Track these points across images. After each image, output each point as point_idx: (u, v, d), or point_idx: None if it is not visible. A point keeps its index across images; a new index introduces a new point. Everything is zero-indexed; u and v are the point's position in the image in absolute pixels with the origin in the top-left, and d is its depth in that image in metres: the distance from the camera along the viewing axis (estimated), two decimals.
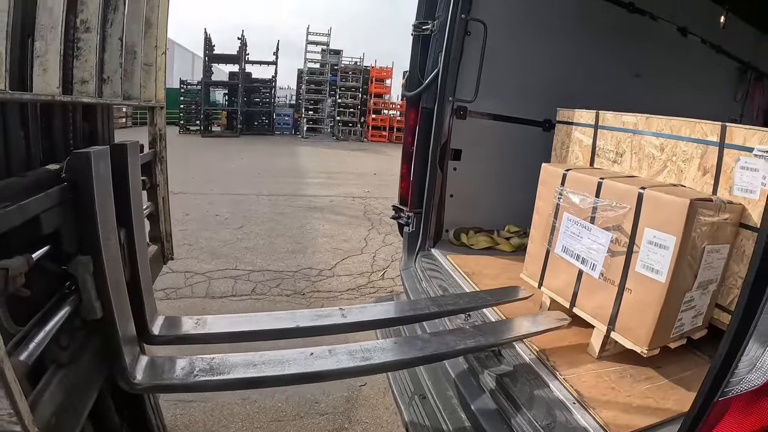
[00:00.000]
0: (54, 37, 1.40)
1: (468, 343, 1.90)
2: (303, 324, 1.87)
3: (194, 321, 1.79)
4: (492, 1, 3.24)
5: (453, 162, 3.39)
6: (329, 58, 26.59)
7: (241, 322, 1.86)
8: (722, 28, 4.41)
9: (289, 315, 1.93)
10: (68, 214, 1.37)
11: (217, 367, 1.53)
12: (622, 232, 1.99)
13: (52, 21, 1.39)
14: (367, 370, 1.68)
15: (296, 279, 5.45)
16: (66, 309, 1.33)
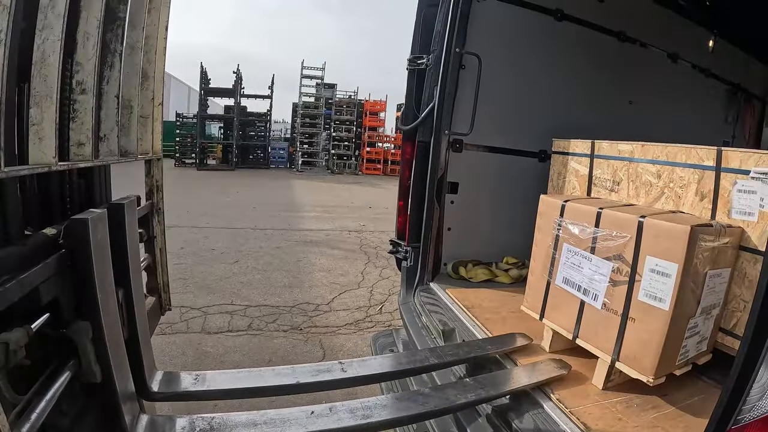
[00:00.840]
0: (49, 104, 1.39)
1: (469, 397, 1.86)
2: (304, 380, 1.85)
3: (193, 377, 1.77)
4: (486, 34, 3.28)
5: (450, 195, 3.39)
6: (324, 91, 26.87)
7: (242, 378, 1.82)
8: (711, 52, 4.48)
9: (289, 370, 1.90)
10: (66, 280, 1.37)
11: (218, 427, 1.50)
12: (624, 262, 1.98)
13: (47, 88, 1.39)
14: (368, 428, 1.63)
15: (293, 314, 5.41)
16: (66, 374, 1.32)
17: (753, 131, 5.28)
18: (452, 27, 3.13)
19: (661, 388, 1.94)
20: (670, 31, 4.11)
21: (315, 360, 4.32)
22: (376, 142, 28.09)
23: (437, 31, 3.23)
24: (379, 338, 3.44)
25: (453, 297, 2.99)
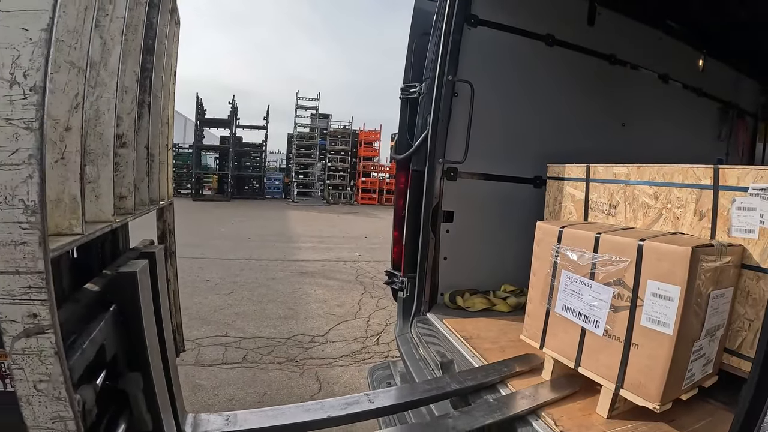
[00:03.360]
0: (106, 162, 1.43)
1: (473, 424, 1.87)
2: (334, 414, 1.88)
3: (224, 418, 1.76)
4: (478, 61, 3.31)
5: (445, 224, 3.36)
6: (318, 122, 27.11)
7: (273, 416, 1.82)
8: (702, 71, 4.53)
9: (318, 405, 1.93)
10: (120, 334, 1.39)
11: None
12: (624, 287, 1.95)
13: (102, 146, 1.42)
14: None
15: (289, 346, 5.33)
16: (122, 426, 1.36)
17: (746, 147, 5.34)
18: (444, 55, 3.15)
19: (668, 414, 1.88)
20: (661, 52, 4.16)
21: (311, 393, 4.25)
22: (371, 171, 28.29)
23: (429, 59, 3.25)
24: (376, 371, 3.38)
25: (451, 327, 2.94)
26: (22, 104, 1.03)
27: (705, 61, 4.55)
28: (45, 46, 1.04)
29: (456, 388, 2.18)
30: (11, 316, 1.06)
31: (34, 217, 1.04)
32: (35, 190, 1.04)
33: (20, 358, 1.08)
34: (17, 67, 1.03)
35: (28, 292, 1.05)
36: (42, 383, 1.09)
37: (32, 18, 1.04)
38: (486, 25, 3.37)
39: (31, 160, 1.03)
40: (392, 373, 3.24)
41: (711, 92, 4.68)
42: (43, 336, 1.07)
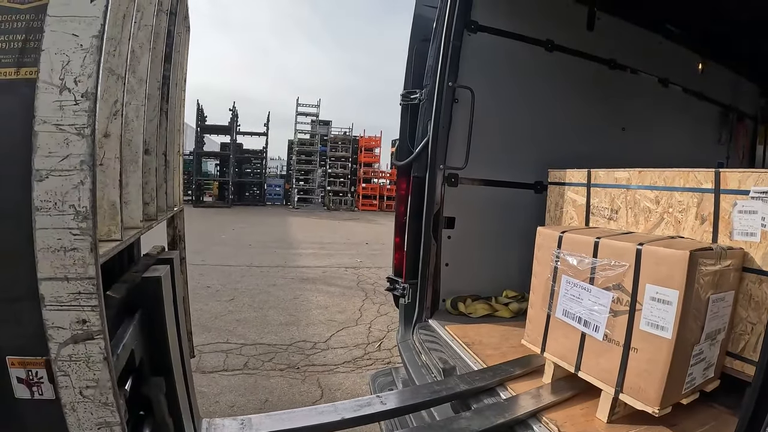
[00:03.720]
0: (135, 169, 1.46)
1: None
2: (348, 415, 1.90)
3: (239, 422, 1.76)
4: (478, 67, 3.32)
5: (447, 230, 3.36)
6: (319, 128, 27.15)
7: (287, 419, 1.83)
8: (701, 75, 4.54)
9: (331, 407, 1.96)
10: (144, 338, 1.40)
11: None
12: (623, 291, 1.95)
13: (131, 153, 1.44)
14: None
15: (290, 352, 5.32)
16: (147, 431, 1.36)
17: (746, 150, 5.34)
18: (444, 61, 3.16)
19: (670, 418, 1.88)
20: (660, 57, 4.17)
21: (313, 399, 4.24)
22: (372, 177, 28.29)
23: (429, 65, 3.26)
24: (377, 377, 3.37)
25: (452, 334, 2.94)
26: (74, 110, 1.04)
27: (705, 65, 4.56)
28: (96, 53, 1.05)
29: (461, 390, 2.19)
30: (58, 322, 1.06)
31: (85, 223, 1.04)
32: (87, 196, 1.04)
33: (66, 364, 1.08)
34: (67, 73, 1.04)
35: (78, 298, 1.06)
36: (89, 389, 1.09)
37: (83, 24, 1.05)
38: (486, 31, 3.38)
39: (83, 167, 1.04)
40: (394, 380, 3.23)
41: (711, 96, 4.68)
42: (92, 342, 1.07)
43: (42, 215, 1.04)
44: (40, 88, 1.04)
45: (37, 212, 1.04)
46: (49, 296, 1.05)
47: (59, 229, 1.04)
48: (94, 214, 1.05)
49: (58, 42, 1.04)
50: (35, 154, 1.03)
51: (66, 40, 1.04)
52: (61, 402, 1.10)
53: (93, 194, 1.05)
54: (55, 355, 1.07)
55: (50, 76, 1.04)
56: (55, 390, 1.11)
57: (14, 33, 1.17)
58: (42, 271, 1.05)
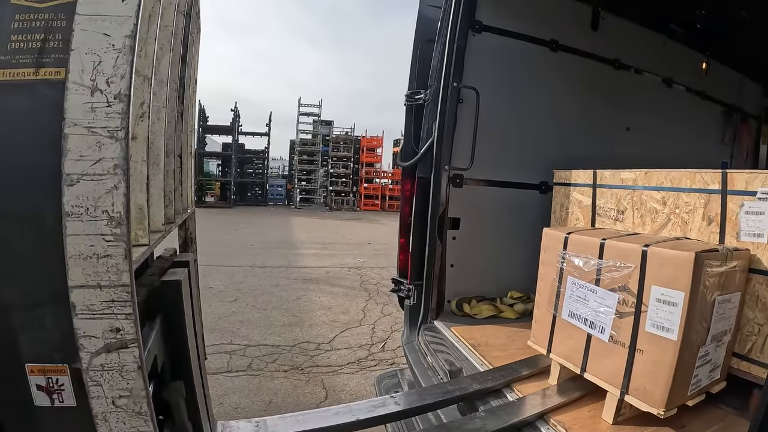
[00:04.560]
0: (157, 171, 1.45)
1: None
2: (363, 416, 1.89)
3: (254, 425, 1.75)
4: (482, 67, 3.31)
5: (452, 231, 3.36)
6: (321, 128, 27.17)
7: (303, 421, 1.83)
8: (705, 75, 4.54)
9: (346, 408, 1.95)
10: (165, 342, 1.39)
11: None
12: (629, 292, 1.95)
13: (154, 155, 1.43)
14: None
15: (294, 354, 5.33)
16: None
17: (750, 150, 5.33)
18: (449, 61, 3.16)
19: (678, 420, 1.88)
20: (664, 56, 4.17)
21: (317, 400, 4.25)
22: (374, 177, 28.31)
23: (434, 66, 3.26)
24: (383, 379, 3.37)
25: (458, 335, 2.93)
26: (106, 112, 1.02)
27: (708, 65, 4.56)
28: (129, 54, 1.03)
29: (478, 388, 2.21)
30: (90, 331, 1.04)
31: (119, 229, 1.02)
32: (121, 201, 1.03)
33: (99, 374, 1.06)
34: (99, 74, 1.02)
35: (111, 306, 1.04)
36: (122, 399, 1.08)
37: (115, 24, 1.03)
38: (490, 31, 3.38)
39: (116, 171, 1.02)
40: (400, 382, 3.23)
41: (715, 95, 4.68)
42: (126, 351, 1.06)
43: (73, 221, 1.02)
44: (69, 89, 1.02)
45: (67, 218, 1.02)
46: (81, 304, 1.03)
47: (92, 236, 1.02)
48: (128, 219, 1.04)
49: (89, 41, 1.02)
50: (65, 157, 1.01)
51: (97, 40, 1.03)
52: (92, 412, 1.08)
53: (127, 199, 1.03)
54: (87, 365, 1.05)
55: (80, 77, 1.02)
56: (75, 398, 1.10)
57: (32, 32, 1.15)
58: (73, 279, 1.03)
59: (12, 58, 1.16)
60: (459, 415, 2.23)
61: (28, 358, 1.13)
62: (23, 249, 1.14)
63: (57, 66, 1.11)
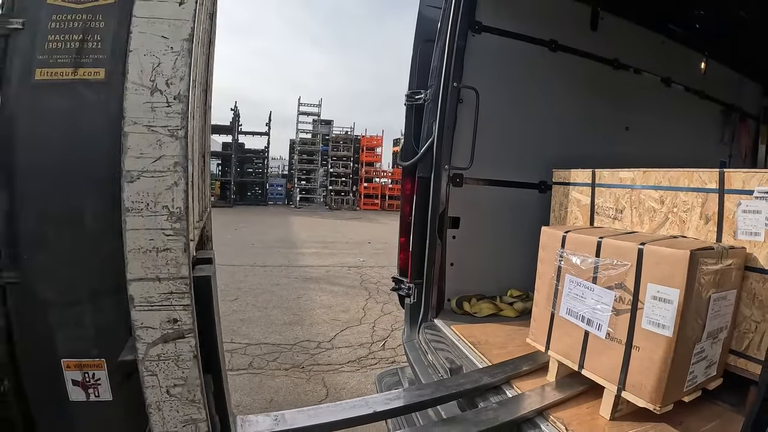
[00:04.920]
0: (193, 170, 1.44)
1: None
2: (379, 408, 1.95)
3: (272, 418, 1.78)
4: (482, 67, 3.33)
5: (451, 230, 3.38)
6: (320, 128, 27.16)
7: (320, 414, 1.87)
8: (704, 75, 4.56)
9: (362, 401, 2.00)
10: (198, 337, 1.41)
11: None
12: (625, 290, 1.97)
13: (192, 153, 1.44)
14: None
15: (294, 352, 5.35)
16: None
17: (749, 150, 5.35)
18: (449, 61, 3.19)
19: (675, 416, 1.91)
20: (663, 56, 4.20)
21: (318, 399, 4.27)
22: (374, 177, 28.29)
23: (434, 66, 3.28)
24: (384, 377, 3.39)
25: (458, 333, 2.96)
26: (166, 112, 1.05)
27: (707, 64, 4.58)
28: (188, 56, 1.07)
29: (488, 381, 2.25)
30: (148, 322, 1.08)
31: (179, 223, 1.06)
32: (181, 197, 1.06)
33: (155, 364, 1.10)
34: (158, 75, 1.06)
35: (169, 298, 1.08)
36: (176, 387, 1.12)
37: (173, 27, 1.06)
38: (490, 32, 3.40)
39: (177, 168, 1.06)
40: (400, 380, 3.24)
41: (714, 95, 4.70)
42: (183, 341, 1.10)
43: (133, 216, 1.05)
44: (129, 89, 1.05)
45: (127, 213, 1.05)
46: (139, 297, 1.06)
47: (152, 230, 1.05)
48: (188, 214, 1.07)
49: (147, 43, 1.05)
50: (125, 154, 1.04)
51: (155, 42, 1.06)
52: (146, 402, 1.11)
53: (187, 195, 1.07)
54: (143, 355, 1.08)
55: (140, 78, 1.05)
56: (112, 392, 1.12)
57: (70, 33, 1.18)
58: (132, 272, 1.06)
59: (50, 57, 1.18)
60: (459, 411, 2.26)
61: (65, 353, 1.15)
62: (60, 249, 1.17)
63: (96, 66, 1.14)
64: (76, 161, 1.18)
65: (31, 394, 1.32)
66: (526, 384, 2.30)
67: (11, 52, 1.28)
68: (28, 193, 1.28)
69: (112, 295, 1.26)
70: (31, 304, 1.25)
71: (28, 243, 1.27)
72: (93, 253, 1.12)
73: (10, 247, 1.28)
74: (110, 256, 1.28)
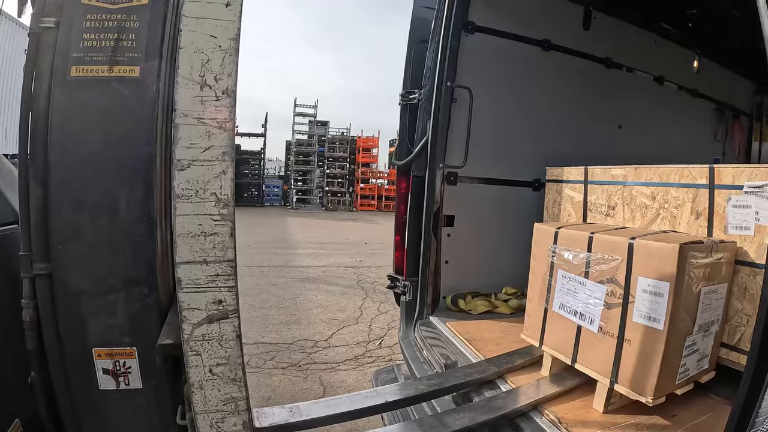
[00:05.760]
0: None
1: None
2: (391, 398, 2.01)
3: (288, 410, 1.81)
4: (476, 67, 3.36)
5: (446, 228, 3.40)
6: (316, 129, 27.14)
7: (335, 405, 1.90)
8: (696, 73, 4.59)
9: (374, 392, 2.07)
10: None
11: None
12: (617, 284, 2.00)
13: None
14: None
15: (291, 351, 5.36)
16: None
17: (742, 147, 5.38)
18: (443, 61, 3.21)
19: (668, 409, 1.93)
20: (656, 55, 4.23)
21: (315, 396, 4.26)
22: (370, 178, 28.29)
23: (428, 66, 3.31)
24: (380, 374, 3.40)
25: (454, 330, 2.98)
26: (215, 105, 1.11)
27: (700, 63, 4.61)
28: (235, 54, 1.11)
29: (494, 370, 2.31)
30: (194, 304, 1.12)
31: (226, 209, 1.13)
32: (228, 185, 1.14)
33: (199, 344, 1.13)
34: (207, 71, 1.10)
35: (215, 280, 1.13)
36: (219, 366, 1.15)
37: (220, 27, 1.11)
38: (483, 32, 3.42)
39: (225, 157, 1.13)
40: (397, 377, 3.26)
41: (706, 93, 4.73)
42: (227, 321, 1.14)
43: (183, 202, 1.10)
44: (179, 83, 1.10)
45: (177, 199, 1.09)
46: (187, 279, 1.11)
47: (200, 215, 1.10)
48: (234, 200, 1.13)
49: (197, 41, 1.09)
50: (176, 145, 1.09)
51: (204, 41, 1.10)
52: (189, 381, 1.14)
53: (233, 182, 1.13)
54: (188, 335, 1.12)
55: (190, 73, 1.09)
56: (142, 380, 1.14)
57: (105, 32, 1.21)
58: (181, 256, 1.11)
59: (85, 55, 1.21)
60: (453, 406, 2.28)
61: (96, 342, 1.18)
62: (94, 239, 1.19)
63: (131, 64, 1.17)
64: (110, 154, 1.21)
65: (60, 385, 1.34)
66: (520, 378, 2.33)
67: (44, 50, 1.32)
68: (62, 186, 1.31)
69: (142, 283, 1.29)
70: (64, 294, 1.29)
71: (61, 234, 1.31)
72: (126, 243, 1.16)
73: (43, 239, 1.32)
74: (143, 245, 1.31)
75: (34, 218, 1.34)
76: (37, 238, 1.35)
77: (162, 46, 1.34)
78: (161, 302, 1.42)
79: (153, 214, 1.37)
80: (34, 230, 1.34)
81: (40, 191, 1.32)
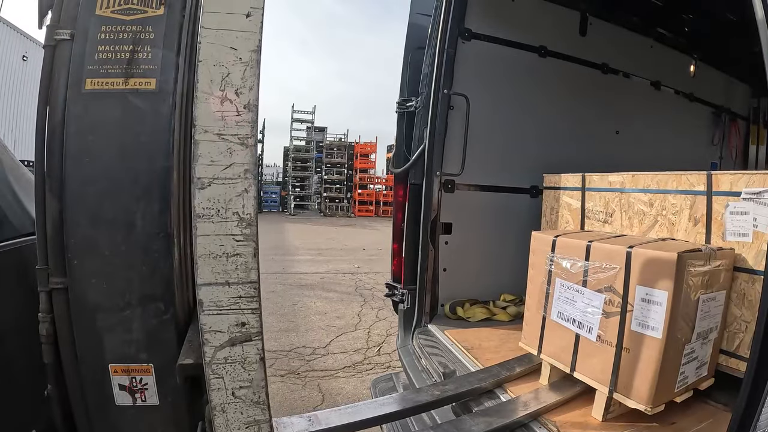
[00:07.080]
0: None
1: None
2: (407, 405, 2.02)
3: (307, 419, 1.80)
4: (473, 74, 3.36)
5: (444, 236, 3.39)
6: (314, 135, 27.18)
7: (352, 413, 1.90)
8: (693, 77, 4.60)
9: (390, 399, 2.10)
10: None
11: None
12: (615, 293, 1.99)
13: None
14: None
15: (290, 358, 5.35)
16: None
17: (739, 151, 5.37)
18: (439, 69, 3.20)
19: (668, 416, 1.93)
20: (652, 60, 4.23)
21: (314, 404, 4.27)
22: (368, 183, 28.31)
23: (425, 73, 3.30)
24: (379, 383, 3.38)
25: (452, 338, 2.97)
26: (236, 121, 1.07)
27: (696, 67, 4.62)
28: (256, 67, 1.08)
29: (505, 375, 2.33)
30: (216, 326, 1.09)
31: (249, 229, 1.08)
32: (251, 204, 1.08)
33: (221, 367, 1.11)
34: (227, 85, 1.07)
35: (238, 302, 1.09)
36: (242, 389, 1.13)
37: (241, 38, 1.08)
38: (480, 39, 3.42)
39: (247, 175, 1.07)
40: (395, 385, 3.24)
41: (703, 97, 4.74)
42: (250, 343, 1.11)
43: (204, 222, 1.06)
44: (199, 98, 1.06)
45: (198, 219, 1.06)
46: (208, 301, 1.08)
47: (222, 236, 1.06)
48: (257, 220, 1.09)
49: (216, 54, 1.07)
50: (196, 162, 1.05)
51: (224, 53, 1.07)
52: (210, 403, 1.12)
53: (257, 201, 1.08)
54: (210, 358, 1.09)
55: (210, 87, 1.06)
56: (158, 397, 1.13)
57: (121, 44, 1.19)
58: (202, 277, 1.07)
59: (100, 68, 1.20)
60: (453, 416, 2.27)
61: (113, 358, 1.16)
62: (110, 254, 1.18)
63: (147, 77, 1.15)
64: (126, 168, 1.20)
65: (76, 399, 1.33)
66: (519, 387, 2.31)
67: (60, 62, 1.31)
68: (77, 199, 1.30)
69: (159, 300, 1.28)
70: (80, 309, 1.27)
71: (77, 249, 1.29)
72: (142, 258, 1.14)
73: (59, 253, 1.30)
74: (159, 260, 1.30)
75: (51, 231, 1.33)
76: (54, 251, 1.33)
77: (178, 57, 1.32)
78: (179, 319, 1.40)
79: (170, 229, 1.35)
80: (51, 243, 1.33)
81: (56, 204, 1.32)
